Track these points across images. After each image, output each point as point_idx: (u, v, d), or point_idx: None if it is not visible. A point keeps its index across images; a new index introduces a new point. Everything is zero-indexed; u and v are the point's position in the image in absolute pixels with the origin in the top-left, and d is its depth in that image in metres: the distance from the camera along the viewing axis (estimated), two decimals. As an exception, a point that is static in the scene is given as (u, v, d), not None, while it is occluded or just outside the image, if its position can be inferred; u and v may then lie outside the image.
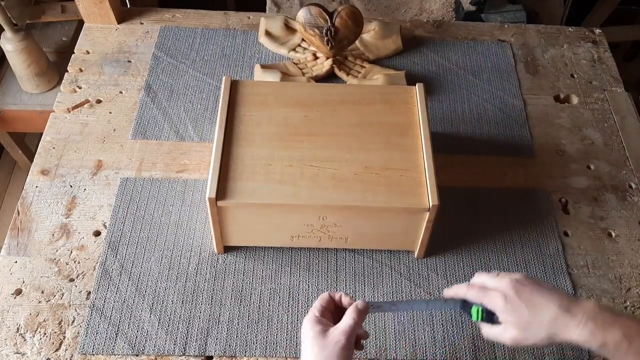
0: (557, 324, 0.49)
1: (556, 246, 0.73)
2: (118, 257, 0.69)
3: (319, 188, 0.62)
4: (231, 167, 0.63)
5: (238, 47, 0.94)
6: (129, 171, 0.77)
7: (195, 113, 0.84)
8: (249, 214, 0.64)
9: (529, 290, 0.51)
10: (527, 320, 0.50)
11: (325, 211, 0.63)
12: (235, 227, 0.65)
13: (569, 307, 0.49)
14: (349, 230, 0.65)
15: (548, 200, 0.77)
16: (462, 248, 0.72)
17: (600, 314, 0.48)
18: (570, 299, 0.51)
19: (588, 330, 0.47)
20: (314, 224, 0.64)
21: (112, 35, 0.94)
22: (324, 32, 0.81)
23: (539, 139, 0.85)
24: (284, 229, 0.66)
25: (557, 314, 0.49)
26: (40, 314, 0.64)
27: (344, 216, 0.63)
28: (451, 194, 0.77)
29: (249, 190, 0.62)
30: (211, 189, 0.60)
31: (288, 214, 0.63)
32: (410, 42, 0.96)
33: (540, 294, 0.51)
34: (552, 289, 0.52)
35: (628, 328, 0.47)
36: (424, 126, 0.67)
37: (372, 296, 0.67)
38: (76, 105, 0.84)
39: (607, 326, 0.47)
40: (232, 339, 0.64)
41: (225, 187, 0.61)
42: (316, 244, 0.68)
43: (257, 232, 0.67)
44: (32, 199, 0.74)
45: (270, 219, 0.64)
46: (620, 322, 0.48)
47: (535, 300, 0.50)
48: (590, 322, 0.48)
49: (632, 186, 0.80)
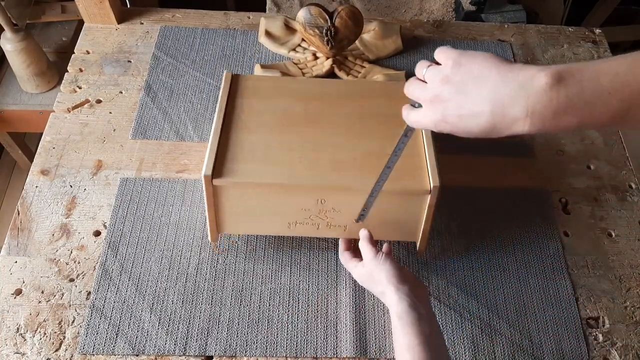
0: (495, 126, 0.41)
1: (556, 246, 0.73)
2: (118, 257, 0.69)
3: (318, 170, 0.62)
4: (229, 149, 0.63)
5: (238, 47, 0.94)
6: (129, 171, 0.77)
7: (195, 113, 0.84)
8: (245, 195, 0.62)
9: (460, 78, 0.43)
10: (460, 113, 0.43)
11: (324, 193, 0.62)
12: (231, 210, 0.64)
13: (505, 108, 0.40)
14: (348, 216, 0.64)
15: (548, 200, 0.77)
16: (462, 248, 0.72)
17: (549, 104, 0.39)
18: (509, 89, 0.40)
19: (535, 127, 0.40)
20: (311, 209, 0.63)
21: (112, 35, 0.94)
22: (324, 32, 0.81)
23: (539, 139, 0.85)
24: (281, 213, 0.64)
25: (493, 117, 0.41)
26: (40, 314, 0.64)
27: (343, 199, 0.62)
28: (451, 194, 0.77)
29: (246, 170, 0.61)
30: (207, 167, 0.59)
31: (285, 195, 0.62)
32: (410, 42, 0.97)
33: (473, 83, 0.43)
34: (486, 76, 0.42)
35: (581, 115, 0.39)
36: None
37: (372, 296, 0.67)
38: (76, 105, 0.84)
39: (559, 116, 0.39)
40: (232, 339, 0.64)
41: (222, 167, 0.61)
42: (314, 232, 0.66)
43: (253, 218, 0.65)
44: (32, 199, 0.74)
45: (266, 202, 0.63)
46: (575, 107, 0.38)
47: (468, 92, 0.43)
48: (537, 120, 0.39)
49: (632, 186, 0.80)
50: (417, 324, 0.52)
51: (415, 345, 0.51)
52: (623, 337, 0.66)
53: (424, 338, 0.51)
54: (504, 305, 0.68)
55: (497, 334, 0.65)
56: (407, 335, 0.52)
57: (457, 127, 0.44)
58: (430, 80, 0.46)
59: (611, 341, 0.66)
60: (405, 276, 0.57)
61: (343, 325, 0.65)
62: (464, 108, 0.43)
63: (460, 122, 0.43)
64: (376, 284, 0.59)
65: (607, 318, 0.68)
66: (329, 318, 0.66)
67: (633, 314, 0.68)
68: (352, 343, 0.64)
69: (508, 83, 0.41)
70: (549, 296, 0.69)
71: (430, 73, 0.46)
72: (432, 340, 0.52)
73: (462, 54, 0.44)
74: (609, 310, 0.68)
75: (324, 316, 0.66)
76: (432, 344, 0.52)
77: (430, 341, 0.52)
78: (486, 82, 0.42)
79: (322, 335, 0.64)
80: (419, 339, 0.51)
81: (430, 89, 0.45)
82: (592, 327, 0.67)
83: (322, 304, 0.67)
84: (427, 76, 0.46)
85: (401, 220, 0.65)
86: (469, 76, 0.43)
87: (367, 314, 0.66)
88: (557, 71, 0.39)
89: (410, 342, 0.51)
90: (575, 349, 0.65)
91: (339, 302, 0.67)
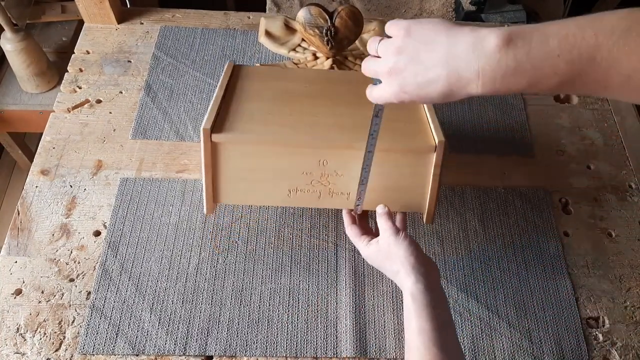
0: (452, 90, 0.41)
1: (556, 246, 0.73)
2: (118, 257, 0.69)
3: (319, 131, 0.61)
4: (229, 113, 0.62)
5: (238, 47, 0.94)
6: (129, 171, 0.77)
7: (195, 113, 0.84)
8: (244, 155, 0.60)
9: (413, 46, 0.43)
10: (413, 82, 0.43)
11: (325, 153, 0.60)
12: (229, 174, 0.61)
13: (459, 70, 0.40)
14: (351, 181, 0.62)
15: (548, 200, 0.77)
16: (462, 248, 0.72)
17: (497, 65, 0.38)
18: (461, 51, 0.40)
19: (487, 88, 0.40)
20: (313, 172, 0.61)
21: (112, 35, 0.94)
22: (324, 32, 0.81)
23: (539, 139, 0.85)
24: (281, 178, 0.61)
25: (448, 80, 0.41)
26: (40, 314, 0.64)
27: (346, 161, 0.60)
28: (451, 194, 0.77)
29: (246, 129, 0.59)
30: (207, 121, 0.58)
31: (286, 156, 0.60)
32: (410, 42, 0.96)
33: (425, 50, 0.42)
34: (437, 41, 0.42)
35: (530, 77, 0.38)
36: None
37: (372, 296, 0.67)
38: (76, 105, 0.84)
39: (508, 77, 0.39)
40: (232, 339, 0.64)
41: (223, 124, 0.59)
42: (315, 201, 0.63)
43: (252, 184, 0.62)
44: (32, 199, 0.74)
45: (266, 164, 0.61)
46: (523, 68, 0.38)
47: (420, 61, 0.43)
48: (488, 81, 0.39)
49: (632, 186, 0.80)
50: (431, 307, 0.51)
51: (428, 330, 0.50)
52: (623, 337, 0.66)
53: (436, 323, 0.50)
54: (504, 305, 0.68)
55: (497, 334, 0.65)
56: (420, 319, 0.50)
57: (416, 95, 0.44)
58: (383, 54, 0.46)
59: (611, 341, 0.66)
60: (422, 257, 0.56)
61: (343, 325, 0.65)
62: (420, 75, 0.43)
63: (419, 90, 0.43)
64: (392, 263, 0.57)
65: (607, 318, 0.68)
66: (329, 318, 0.66)
67: (633, 314, 0.68)
68: (352, 343, 0.64)
69: (459, 45, 0.41)
70: (549, 296, 0.69)
71: (383, 46, 0.46)
72: (444, 326, 0.51)
73: (411, 23, 0.44)
74: (609, 310, 0.68)
75: (324, 316, 0.66)
76: (444, 330, 0.51)
77: (442, 327, 0.51)
78: (438, 47, 0.42)
79: (322, 335, 0.64)
80: (431, 323, 0.50)
81: (385, 62, 0.45)
82: (592, 327, 0.67)
83: (322, 304, 0.66)
84: (380, 50, 0.46)
85: (405, 186, 0.62)
86: (420, 43, 0.43)
87: (367, 314, 0.66)
88: (506, 32, 0.38)
89: (422, 325, 0.50)
90: (575, 349, 0.65)
91: (339, 302, 0.67)
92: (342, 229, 0.72)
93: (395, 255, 0.56)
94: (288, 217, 0.73)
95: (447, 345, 0.50)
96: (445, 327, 0.51)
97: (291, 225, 0.73)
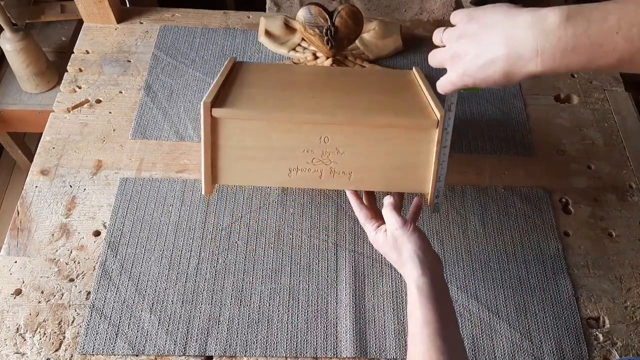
0: (512, 70, 0.43)
1: (556, 246, 0.73)
2: (118, 257, 0.69)
3: (321, 108, 0.61)
4: (231, 94, 0.62)
5: (238, 47, 0.94)
6: (128, 171, 0.77)
7: (195, 113, 0.84)
8: (244, 131, 0.59)
9: (473, 30, 0.46)
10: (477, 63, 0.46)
11: (327, 129, 0.59)
12: (229, 152, 0.60)
13: (517, 49, 0.42)
14: (352, 159, 0.60)
15: (548, 200, 0.77)
16: (462, 248, 0.72)
17: (557, 42, 0.40)
18: (520, 31, 0.42)
19: (547, 66, 0.42)
20: (314, 150, 0.60)
21: (111, 35, 0.94)
22: (324, 32, 0.81)
23: (539, 139, 0.85)
24: (281, 156, 0.60)
25: (507, 60, 0.43)
26: (40, 314, 0.64)
27: (348, 138, 0.59)
28: (451, 194, 0.77)
29: (247, 105, 0.59)
30: (208, 96, 0.58)
31: (287, 133, 0.59)
32: (410, 41, 0.96)
33: (485, 32, 0.45)
34: (497, 23, 0.44)
35: (589, 54, 0.40)
36: (425, 83, 0.68)
37: (371, 296, 0.67)
38: (76, 105, 0.84)
39: (568, 54, 0.40)
40: (232, 339, 0.64)
41: (224, 100, 0.59)
42: (316, 182, 0.61)
43: (252, 163, 0.61)
44: (32, 199, 0.73)
45: (267, 141, 0.60)
46: (583, 45, 0.40)
47: (482, 42, 0.45)
48: (548, 59, 0.41)
49: (632, 186, 0.80)
50: (437, 299, 0.51)
51: (433, 322, 0.50)
52: (623, 337, 0.66)
53: (442, 316, 0.50)
54: (504, 305, 0.68)
55: (497, 334, 0.65)
56: (427, 310, 0.51)
57: (478, 77, 0.46)
58: (447, 41, 0.49)
59: (611, 341, 0.66)
60: (429, 250, 0.56)
61: (343, 325, 0.65)
62: (481, 57, 0.45)
63: (480, 71, 0.45)
64: (399, 254, 0.57)
65: (608, 318, 0.68)
66: (329, 318, 0.66)
67: (633, 314, 0.68)
68: (352, 343, 0.64)
69: (518, 25, 0.42)
70: (549, 296, 0.69)
71: (446, 35, 0.49)
72: (449, 319, 0.51)
73: (474, 10, 0.47)
74: (610, 310, 0.68)
75: (324, 316, 0.66)
76: (448, 322, 0.51)
77: (447, 319, 0.51)
78: (498, 28, 0.44)
79: (322, 335, 0.64)
80: (437, 315, 0.50)
81: (449, 49, 0.48)
82: (592, 327, 0.67)
83: (322, 304, 0.66)
84: (445, 38, 0.49)
85: (408, 164, 0.61)
86: (481, 27, 0.45)
87: (367, 314, 0.66)
88: (566, 10, 0.40)
89: (429, 317, 0.50)
90: (575, 349, 0.65)
91: (339, 302, 0.67)
92: (342, 228, 0.72)
93: (403, 247, 0.56)
94: (288, 217, 0.73)
95: (451, 337, 0.50)
96: (449, 319, 0.52)
97: (291, 225, 0.73)
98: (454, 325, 0.52)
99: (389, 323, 0.65)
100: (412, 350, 0.51)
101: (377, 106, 0.62)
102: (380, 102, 0.64)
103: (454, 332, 0.51)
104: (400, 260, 0.56)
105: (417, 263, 0.54)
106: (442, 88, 0.52)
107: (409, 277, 0.54)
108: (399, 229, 0.57)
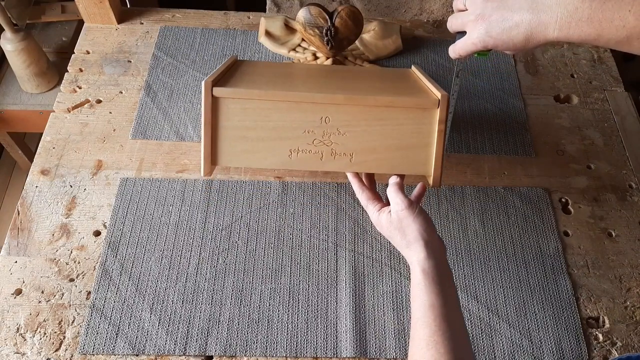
0: (532, 34, 0.48)
1: (556, 246, 0.73)
2: (118, 257, 0.69)
3: (323, 89, 0.61)
4: (233, 76, 0.63)
5: (238, 47, 0.94)
6: (129, 171, 0.77)
7: (195, 113, 0.84)
8: (245, 111, 0.59)
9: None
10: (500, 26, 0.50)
11: (328, 109, 0.59)
12: (229, 132, 0.59)
13: (540, 15, 0.47)
14: (353, 141, 0.60)
15: (548, 200, 0.77)
16: (462, 248, 0.72)
17: (574, 12, 0.45)
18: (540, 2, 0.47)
19: (562, 34, 0.46)
20: (315, 130, 0.59)
21: (112, 35, 0.94)
22: (324, 32, 0.81)
23: (539, 139, 0.85)
24: (282, 137, 0.60)
25: (530, 25, 0.48)
26: (40, 314, 0.64)
27: (348, 118, 0.59)
28: (451, 194, 0.77)
29: (248, 86, 0.59)
30: (210, 77, 0.58)
31: (288, 113, 0.59)
32: (410, 42, 0.97)
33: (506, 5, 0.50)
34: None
35: (600, 28, 0.44)
36: (424, 75, 0.68)
37: (371, 296, 0.67)
38: (76, 105, 0.84)
39: (581, 25, 0.45)
40: (232, 338, 0.64)
41: (226, 81, 0.60)
42: (317, 164, 0.61)
43: (252, 144, 0.60)
44: (32, 199, 0.74)
45: (267, 121, 0.59)
46: (596, 18, 0.44)
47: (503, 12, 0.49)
48: (564, 26, 0.46)
49: (632, 186, 0.80)
50: (442, 283, 0.51)
51: (439, 306, 0.49)
52: (623, 337, 0.67)
53: (447, 299, 0.50)
54: (504, 305, 0.68)
55: (497, 334, 0.65)
56: (432, 294, 0.50)
57: (500, 39, 0.49)
58: (472, 4, 0.52)
59: (611, 341, 0.66)
60: (434, 232, 0.55)
61: (343, 325, 0.65)
62: (507, 20, 0.48)
63: (503, 33, 0.49)
64: (403, 236, 0.55)
65: (607, 318, 0.68)
66: (329, 318, 0.66)
67: (633, 314, 0.68)
68: (352, 343, 0.64)
69: None
70: (549, 296, 0.69)
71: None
72: (453, 302, 0.51)
73: None
74: (609, 310, 0.68)
75: (324, 316, 0.66)
76: (452, 305, 0.50)
77: (451, 303, 0.50)
78: None
79: (322, 335, 0.64)
80: (442, 299, 0.50)
81: (473, 11, 0.52)
82: (592, 327, 0.67)
83: (322, 304, 0.67)
84: (468, 2, 0.53)
85: (409, 144, 0.60)
86: None
87: (367, 314, 0.66)
88: None
89: (433, 301, 0.50)
90: (575, 348, 0.65)
91: (339, 302, 0.67)
92: (342, 228, 0.72)
93: (408, 228, 0.55)
94: (288, 217, 0.73)
95: (456, 321, 0.50)
96: (454, 304, 0.51)
97: (291, 225, 0.73)
98: (458, 311, 0.51)
99: (389, 323, 0.65)
100: (415, 334, 0.50)
101: (378, 90, 0.62)
102: (381, 87, 0.65)
103: (458, 317, 0.51)
104: (404, 242, 0.55)
105: (423, 245, 0.53)
106: (460, 50, 0.54)
107: (413, 259, 0.53)
108: (404, 209, 0.56)
